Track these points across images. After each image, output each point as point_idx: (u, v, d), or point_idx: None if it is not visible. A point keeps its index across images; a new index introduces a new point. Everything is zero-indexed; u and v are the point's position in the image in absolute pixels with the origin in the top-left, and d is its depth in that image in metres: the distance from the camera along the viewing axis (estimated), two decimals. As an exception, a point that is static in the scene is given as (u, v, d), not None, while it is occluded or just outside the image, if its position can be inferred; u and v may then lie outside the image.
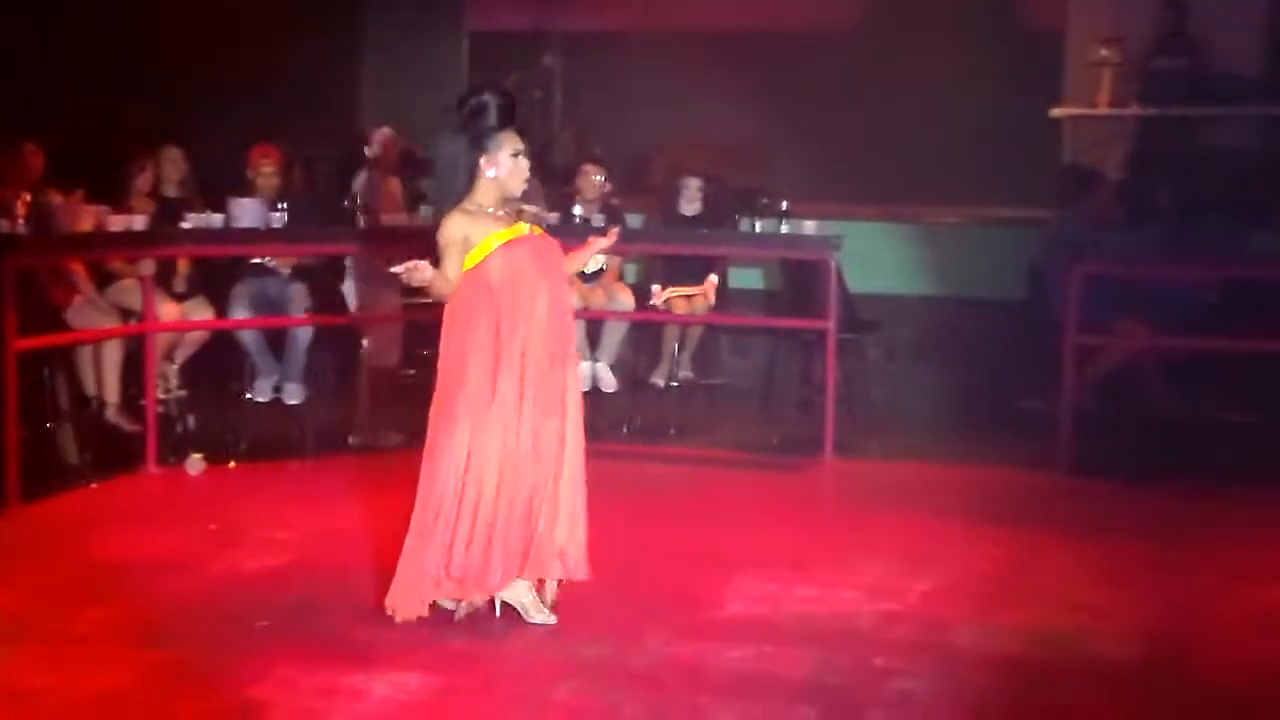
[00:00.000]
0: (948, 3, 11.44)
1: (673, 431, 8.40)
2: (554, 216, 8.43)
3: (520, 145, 5.00)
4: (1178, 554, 6.07)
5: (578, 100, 11.87)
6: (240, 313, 8.03)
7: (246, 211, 7.75)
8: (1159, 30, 10.29)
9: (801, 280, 8.75)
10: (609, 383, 8.61)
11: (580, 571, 5.04)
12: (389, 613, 4.98)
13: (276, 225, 7.80)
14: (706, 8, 11.87)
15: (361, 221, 8.10)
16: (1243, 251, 8.47)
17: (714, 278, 8.68)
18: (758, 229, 8.46)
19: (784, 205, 8.42)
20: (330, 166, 9.62)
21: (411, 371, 8.61)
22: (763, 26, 11.83)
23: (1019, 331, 8.61)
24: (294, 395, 8.09)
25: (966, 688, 4.57)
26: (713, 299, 8.71)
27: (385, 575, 5.09)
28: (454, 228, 4.92)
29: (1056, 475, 7.49)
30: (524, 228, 5.04)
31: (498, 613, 5.05)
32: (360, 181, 8.23)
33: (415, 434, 8.03)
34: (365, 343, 8.11)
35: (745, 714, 4.34)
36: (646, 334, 8.93)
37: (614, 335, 8.65)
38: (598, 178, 8.75)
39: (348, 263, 8.19)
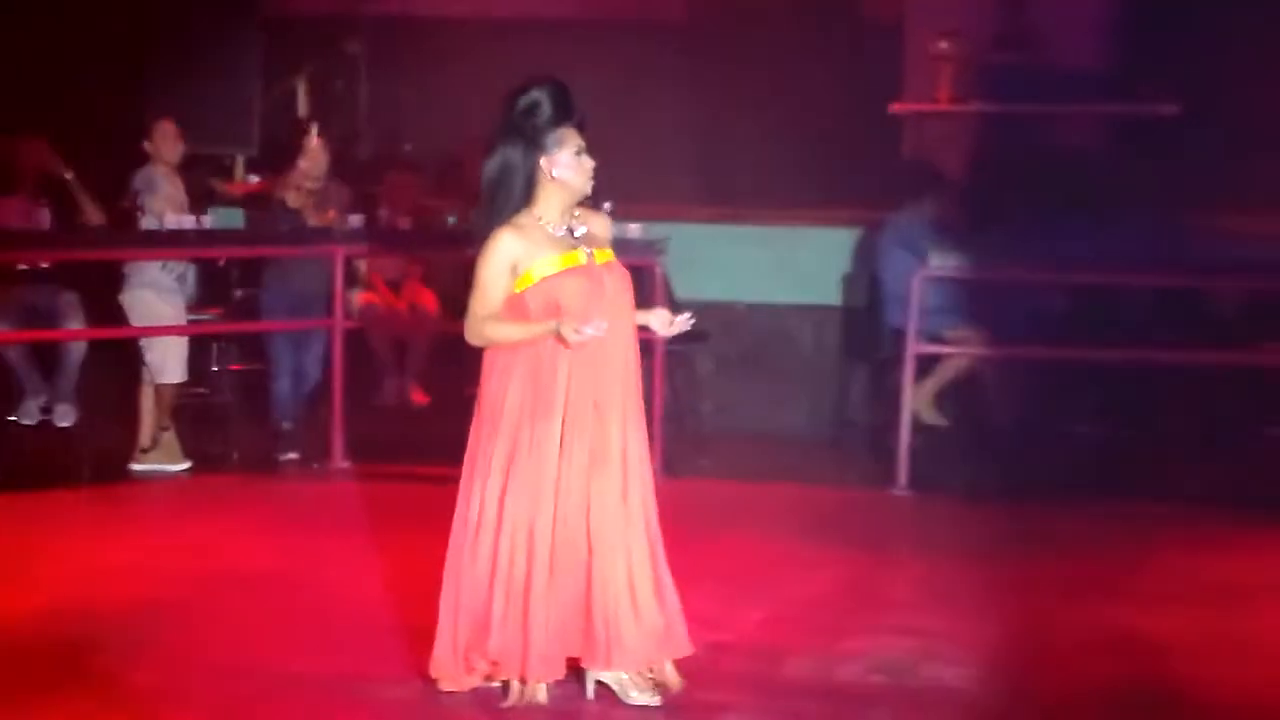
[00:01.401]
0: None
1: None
2: (358, 219, 8.41)
3: (582, 141, 4.71)
4: (1016, 573, 6.23)
5: (387, 92, 11.78)
6: (3, 325, 7.82)
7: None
8: (997, 23, 10.58)
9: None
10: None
11: (683, 647, 4.78)
12: (434, 678, 4.72)
13: (44, 225, 7.63)
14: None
15: (142, 222, 7.94)
16: (1088, 256, 8.73)
17: None
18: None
19: (608, 206, 8.46)
20: (106, 161, 9.40)
21: (202, 390, 8.48)
22: (588, 14, 11.87)
23: (858, 340, 8.79)
24: (66, 417, 7.89)
25: (798, 718, 4.65)
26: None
27: (173, 615, 4.99)
28: (501, 252, 4.56)
29: (894, 493, 7.65)
30: (580, 256, 4.64)
31: (590, 694, 4.72)
32: (140, 178, 8.06)
33: (208, 459, 8.04)
34: (147, 359, 7.96)
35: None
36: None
37: (421, 348, 8.66)
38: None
39: (127, 270, 8.03)
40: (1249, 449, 8.25)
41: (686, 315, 4.81)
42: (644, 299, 7.98)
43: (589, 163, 4.71)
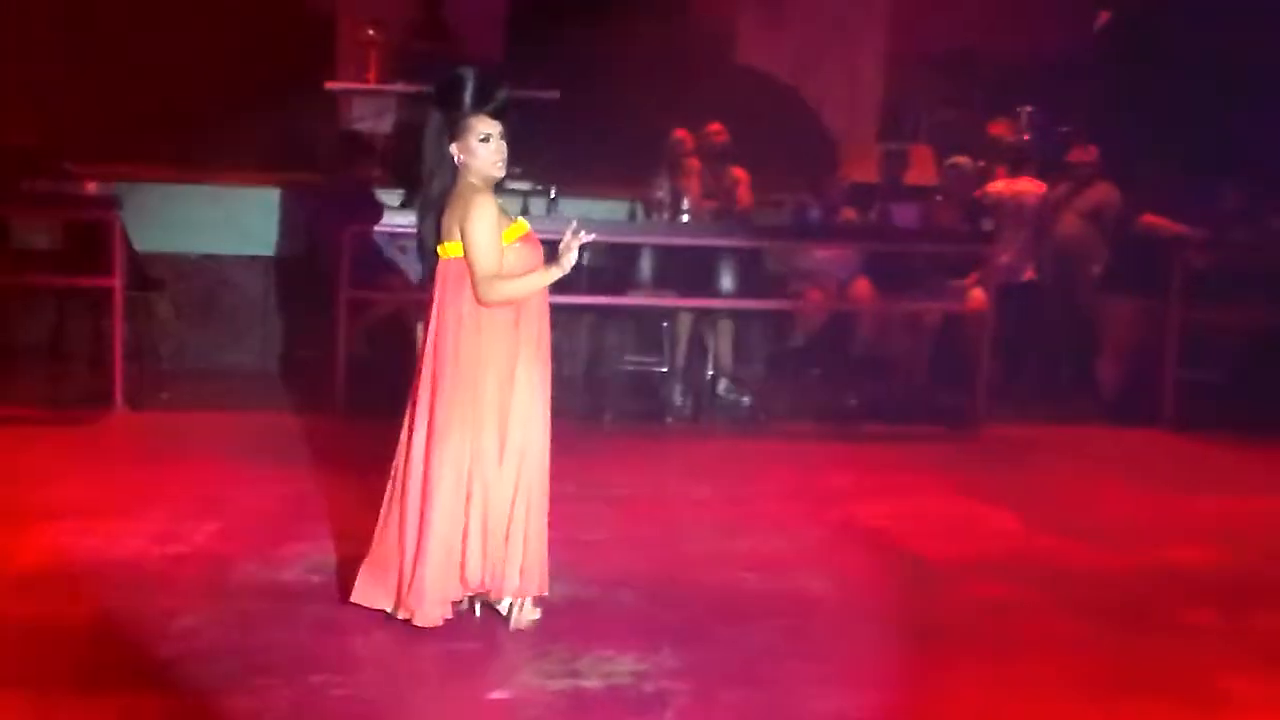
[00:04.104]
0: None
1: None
2: None
3: (492, 128, 4.37)
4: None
5: None
6: None
7: None
8: (416, 15, 10.72)
9: (87, 239, 8.38)
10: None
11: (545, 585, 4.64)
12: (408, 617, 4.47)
13: None
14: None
15: None
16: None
17: None
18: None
19: (67, 167, 8.04)
20: None
21: None
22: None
23: (298, 287, 8.73)
24: None
25: (247, 616, 4.64)
26: None
27: None
28: (494, 216, 4.35)
29: (333, 418, 7.67)
30: (525, 225, 4.48)
31: (478, 613, 4.63)
32: None
33: None
34: None
35: (29, 665, 4.18)
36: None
37: None
38: None
39: None
40: (621, 376, 8.77)
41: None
42: (103, 250, 7.70)
43: (496, 146, 4.40)
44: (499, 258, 4.36)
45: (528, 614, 4.61)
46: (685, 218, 8.35)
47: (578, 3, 10.45)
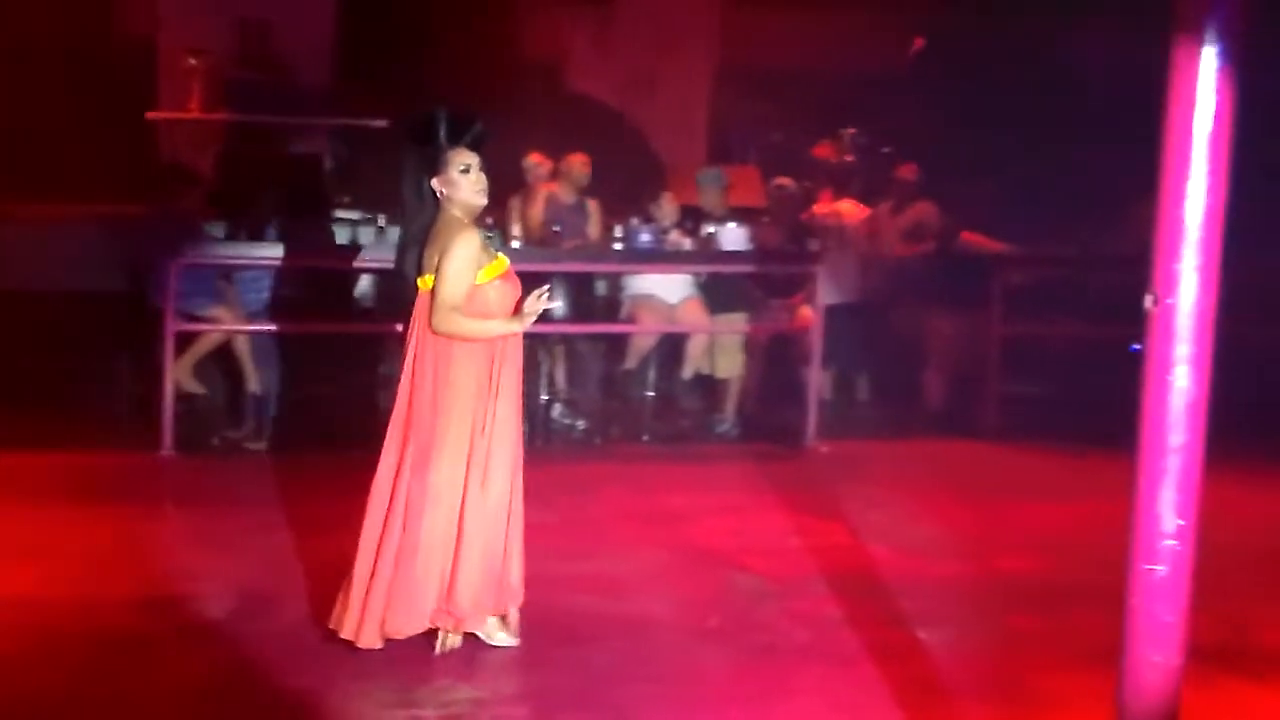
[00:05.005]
0: (43, 3, 10.94)
1: None
2: None
3: (470, 160, 4.49)
4: (264, 516, 6.26)
5: None
6: None
7: None
8: (241, 44, 10.56)
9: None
10: None
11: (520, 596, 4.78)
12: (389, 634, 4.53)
13: None
14: None
15: None
16: (322, 245, 8.81)
17: None
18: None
19: None
20: None
21: None
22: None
23: (123, 320, 8.49)
24: None
25: (72, 662, 4.51)
26: None
27: None
28: (474, 250, 4.47)
29: (159, 454, 7.46)
30: (505, 262, 4.60)
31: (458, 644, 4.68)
32: None
33: None
34: None
35: None
36: None
37: None
38: None
39: None
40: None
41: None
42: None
43: (476, 178, 4.52)
44: (464, 292, 4.46)
45: (507, 635, 4.77)
46: (516, 244, 8.35)
47: (405, 32, 10.41)
